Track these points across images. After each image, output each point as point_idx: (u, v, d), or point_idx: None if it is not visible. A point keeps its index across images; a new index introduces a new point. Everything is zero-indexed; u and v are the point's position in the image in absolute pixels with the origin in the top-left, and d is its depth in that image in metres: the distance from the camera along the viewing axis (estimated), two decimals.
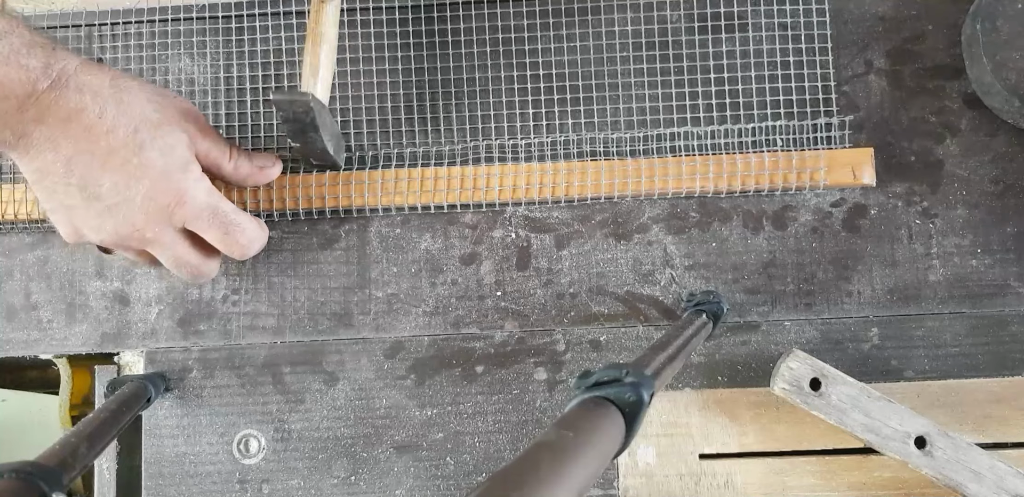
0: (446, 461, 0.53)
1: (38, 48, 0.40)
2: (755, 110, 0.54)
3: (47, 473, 0.37)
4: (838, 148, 0.53)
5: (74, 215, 0.45)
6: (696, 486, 0.52)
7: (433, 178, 0.54)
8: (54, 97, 0.41)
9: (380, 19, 0.56)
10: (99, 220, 0.44)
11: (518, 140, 0.55)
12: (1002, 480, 0.47)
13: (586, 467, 0.28)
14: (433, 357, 0.54)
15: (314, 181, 0.54)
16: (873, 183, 0.53)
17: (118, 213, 0.44)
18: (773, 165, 0.53)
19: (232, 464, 0.54)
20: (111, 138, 0.42)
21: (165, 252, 0.47)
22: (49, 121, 0.41)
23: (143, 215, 0.44)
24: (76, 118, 0.41)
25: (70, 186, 0.43)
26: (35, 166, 0.43)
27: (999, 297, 0.53)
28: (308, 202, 0.54)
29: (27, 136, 0.41)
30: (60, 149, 0.42)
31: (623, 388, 0.33)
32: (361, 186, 0.53)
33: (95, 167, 0.42)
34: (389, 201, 0.54)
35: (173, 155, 0.44)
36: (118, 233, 0.45)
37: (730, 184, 0.53)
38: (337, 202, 0.54)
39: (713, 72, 0.55)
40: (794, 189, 0.53)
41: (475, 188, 0.53)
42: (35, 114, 0.41)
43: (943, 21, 0.55)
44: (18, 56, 0.39)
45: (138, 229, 0.44)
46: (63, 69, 0.41)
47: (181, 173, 0.44)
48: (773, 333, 0.54)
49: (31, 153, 0.42)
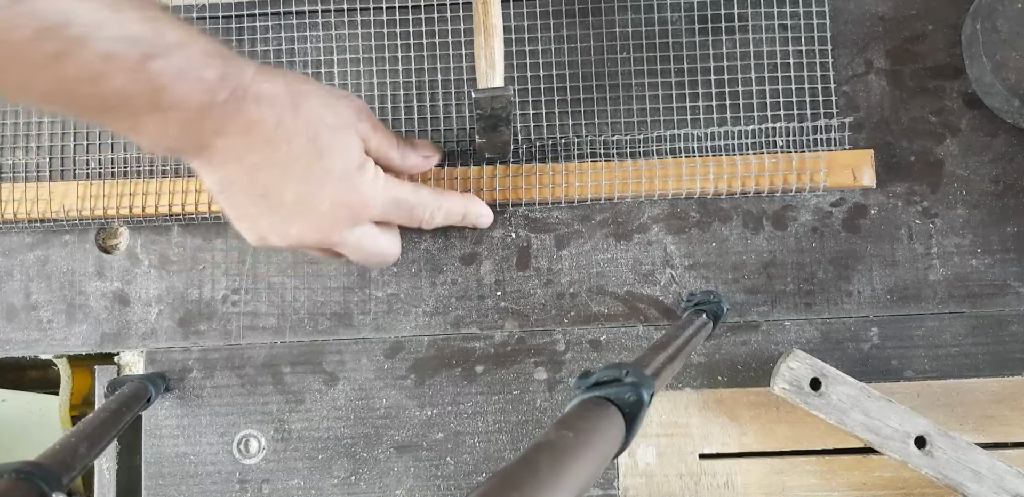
0: (446, 461, 0.53)
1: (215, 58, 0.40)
2: (755, 110, 0.54)
3: (47, 473, 0.37)
4: (838, 150, 0.53)
5: (259, 223, 0.45)
6: (696, 486, 0.52)
7: (433, 179, 0.54)
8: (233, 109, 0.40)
9: (380, 19, 0.56)
10: (285, 227, 0.44)
11: (518, 141, 0.55)
12: (1002, 480, 0.47)
13: (586, 467, 0.28)
14: (433, 357, 0.54)
15: None
16: (873, 185, 0.53)
17: (305, 220, 0.44)
18: (773, 166, 0.53)
19: (232, 464, 0.54)
20: (291, 147, 0.42)
21: (351, 250, 0.47)
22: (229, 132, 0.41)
23: (329, 221, 0.44)
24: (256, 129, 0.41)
25: (254, 196, 0.43)
26: (218, 177, 0.43)
27: (999, 297, 0.53)
28: None
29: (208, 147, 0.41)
30: (242, 160, 0.42)
31: (623, 388, 0.33)
32: None
33: (278, 177, 0.42)
34: None
35: (351, 158, 0.44)
36: (304, 238, 0.45)
37: (730, 185, 0.53)
38: None
39: (713, 72, 0.54)
40: (794, 190, 0.53)
41: (475, 189, 0.53)
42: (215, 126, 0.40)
43: (943, 21, 0.55)
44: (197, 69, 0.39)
45: (325, 234, 0.45)
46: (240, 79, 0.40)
47: (360, 175, 0.44)
48: (773, 333, 0.54)
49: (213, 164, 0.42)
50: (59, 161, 0.56)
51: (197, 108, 0.39)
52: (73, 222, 0.54)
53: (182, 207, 0.54)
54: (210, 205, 0.54)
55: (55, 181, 0.55)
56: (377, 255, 0.49)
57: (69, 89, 0.37)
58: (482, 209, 0.52)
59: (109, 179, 0.55)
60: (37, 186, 0.54)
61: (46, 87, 0.36)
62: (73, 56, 0.35)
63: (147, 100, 0.38)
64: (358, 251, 0.48)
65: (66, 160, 0.56)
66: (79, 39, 0.35)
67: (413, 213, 0.48)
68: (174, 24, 0.38)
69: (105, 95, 0.37)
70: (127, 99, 0.38)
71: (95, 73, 0.36)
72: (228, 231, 0.56)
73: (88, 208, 0.54)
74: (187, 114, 0.39)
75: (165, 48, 0.37)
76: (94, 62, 0.36)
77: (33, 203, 0.54)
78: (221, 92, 0.40)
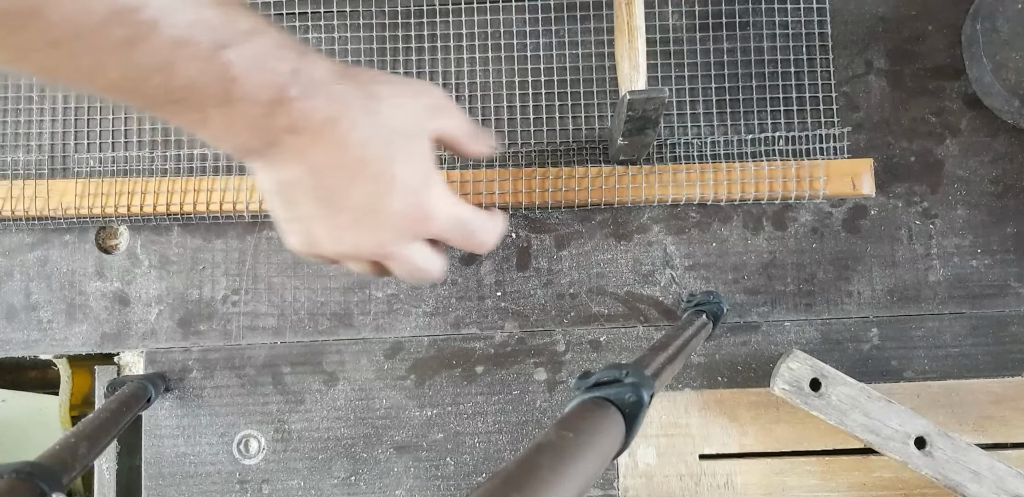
0: (446, 461, 0.53)
1: (288, 50, 0.37)
2: (755, 109, 0.54)
3: (47, 473, 0.37)
4: (838, 158, 0.53)
5: (315, 227, 0.42)
6: (696, 486, 0.52)
7: None
8: (305, 106, 0.38)
9: (383, 23, 0.56)
10: (340, 233, 0.42)
11: (519, 145, 0.55)
12: (1002, 480, 0.47)
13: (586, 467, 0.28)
14: (433, 357, 0.54)
15: None
16: (872, 193, 0.53)
17: (365, 228, 0.42)
18: (773, 174, 0.52)
19: (232, 464, 0.54)
20: (363, 150, 0.40)
21: (401, 264, 0.45)
22: (300, 131, 0.39)
23: (389, 231, 0.42)
24: (328, 129, 0.39)
25: (317, 198, 0.41)
26: (279, 177, 0.41)
27: (999, 297, 0.53)
28: None
29: (276, 145, 0.39)
30: (309, 160, 0.40)
31: (623, 389, 0.32)
32: None
33: (345, 180, 0.40)
34: None
35: (420, 167, 0.42)
36: (359, 247, 0.43)
37: (730, 192, 0.53)
38: None
39: (714, 71, 0.54)
40: (793, 198, 0.53)
41: (474, 192, 0.53)
42: (286, 123, 0.38)
43: (943, 21, 0.55)
44: (270, 60, 0.36)
45: (381, 244, 0.43)
46: (313, 75, 0.38)
47: (426, 188, 0.42)
48: (773, 333, 0.54)
49: (277, 163, 0.40)
50: (59, 159, 0.56)
51: (267, 102, 0.37)
52: (72, 220, 0.54)
53: (180, 207, 0.54)
54: (209, 205, 0.54)
55: (54, 179, 0.55)
56: (424, 273, 0.46)
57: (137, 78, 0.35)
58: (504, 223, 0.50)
59: (108, 177, 0.55)
60: (36, 183, 0.54)
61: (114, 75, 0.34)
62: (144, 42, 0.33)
63: (217, 91, 0.36)
64: (407, 266, 0.45)
65: (66, 158, 0.56)
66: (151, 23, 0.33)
67: (474, 236, 0.45)
68: (246, 12, 0.37)
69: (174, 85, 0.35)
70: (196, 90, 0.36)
71: (165, 61, 0.34)
72: (228, 231, 0.56)
73: (87, 206, 0.54)
74: (257, 109, 0.37)
75: (238, 36, 0.35)
76: (165, 49, 0.34)
77: (32, 200, 0.54)
78: (293, 87, 0.38)
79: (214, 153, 0.55)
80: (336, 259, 0.45)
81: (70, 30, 0.32)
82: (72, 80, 0.35)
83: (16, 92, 0.56)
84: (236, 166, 0.55)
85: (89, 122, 0.56)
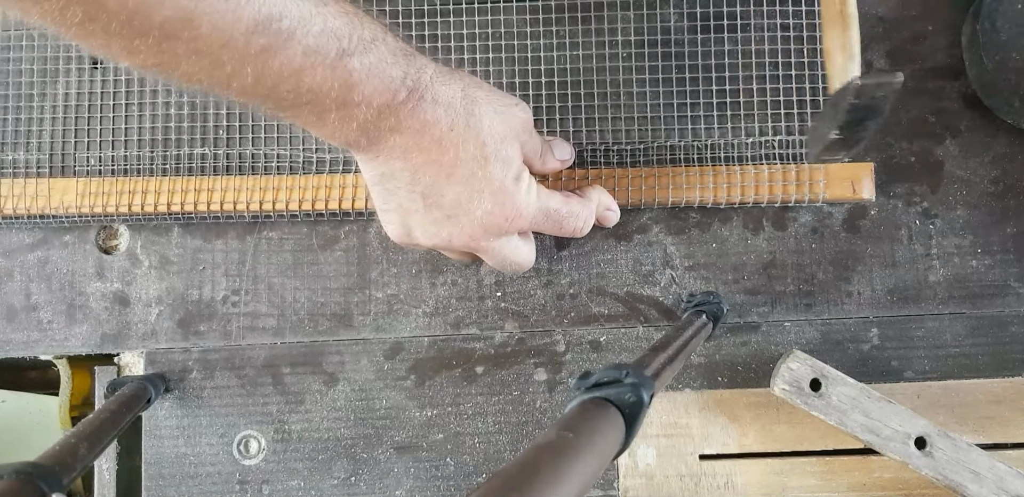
0: (446, 462, 0.53)
1: (401, 56, 0.40)
2: (755, 110, 0.54)
3: (47, 474, 0.37)
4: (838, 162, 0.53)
5: (410, 219, 0.45)
6: (696, 487, 0.52)
7: None
8: (411, 108, 0.41)
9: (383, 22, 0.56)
10: (436, 227, 0.45)
11: None
12: (1002, 481, 0.47)
13: (586, 468, 0.28)
14: (433, 358, 0.54)
15: (311, 183, 0.54)
16: (872, 198, 0.53)
17: (456, 223, 0.44)
18: (773, 177, 0.52)
19: (232, 465, 0.54)
20: (460, 151, 0.42)
21: (493, 256, 0.47)
22: (404, 131, 0.41)
23: (480, 227, 0.45)
24: (429, 130, 0.41)
25: (413, 193, 0.44)
26: (381, 171, 0.43)
27: (999, 297, 0.53)
28: (310, 204, 0.54)
29: (380, 143, 0.42)
30: (409, 158, 0.42)
31: (623, 389, 0.32)
32: (360, 189, 0.53)
33: (441, 178, 0.43)
34: None
35: (511, 168, 0.44)
36: (452, 241, 0.45)
37: (729, 195, 0.52)
38: (338, 204, 0.54)
39: (715, 72, 0.54)
40: (793, 202, 0.53)
41: None
42: (392, 123, 0.41)
43: (943, 21, 0.55)
44: (384, 66, 0.39)
45: (473, 239, 0.45)
46: (420, 79, 0.41)
47: (515, 186, 0.45)
48: (773, 334, 0.54)
49: (380, 159, 0.43)
50: (59, 157, 0.56)
51: (379, 106, 0.40)
52: (73, 220, 0.54)
53: (181, 206, 0.54)
54: (209, 205, 0.54)
55: (55, 177, 0.55)
56: (515, 264, 0.49)
57: (270, 84, 0.36)
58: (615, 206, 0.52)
59: (109, 176, 0.55)
60: (36, 182, 0.54)
61: (249, 81, 0.36)
62: (280, 50, 0.35)
63: (337, 96, 0.38)
64: (499, 258, 0.48)
65: (66, 156, 0.56)
66: (288, 33, 0.35)
67: (564, 224, 0.48)
68: (367, 19, 0.39)
69: (301, 90, 0.37)
70: (320, 95, 0.38)
71: (297, 68, 0.36)
72: (228, 231, 0.56)
73: (88, 205, 0.54)
74: (370, 111, 0.40)
75: (361, 44, 0.38)
76: (297, 57, 0.36)
77: (32, 199, 0.54)
78: (402, 91, 0.40)
79: (214, 153, 0.55)
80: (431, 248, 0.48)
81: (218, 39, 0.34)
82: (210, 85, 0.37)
83: (16, 90, 0.56)
84: (236, 166, 0.55)
85: (89, 120, 0.56)
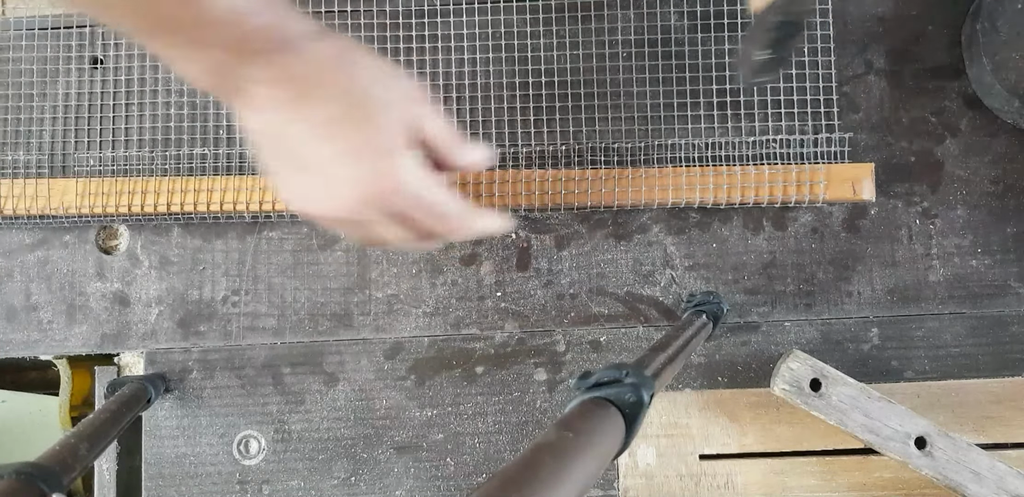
0: (446, 462, 0.53)
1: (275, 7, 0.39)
2: (756, 109, 0.54)
3: (47, 474, 0.37)
4: (839, 162, 0.53)
5: (287, 181, 0.43)
6: (696, 486, 0.52)
7: None
8: (281, 61, 0.40)
9: (383, 23, 0.56)
10: (309, 191, 0.43)
11: (519, 147, 0.55)
12: (1002, 480, 0.47)
13: (586, 468, 0.28)
14: (433, 358, 0.54)
15: None
16: (873, 198, 0.52)
17: (330, 188, 0.42)
18: (773, 177, 0.52)
19: (232, 465, 0.54)
20: (331, 109, 0.41)
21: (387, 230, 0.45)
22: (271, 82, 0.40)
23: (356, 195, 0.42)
24: (299, 85, 0.41)
25: (284, 149, 0.42)
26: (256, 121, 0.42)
27: (999, 297, 0.53)
28: None
29: (244, 92, 0.41)
30: (279, 111, 0.41)
31: (623, 389, 0.32)
32: None
33: (310, 136, 0.41)
34: None
35: (391, 137, 0.42)
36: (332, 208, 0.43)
37: (729, 195, 0.52)
38: None
39: (715, 71, 0.54)
40: (793, 202, 0.53)
41: (475, 194, 0.53)
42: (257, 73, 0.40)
43: (943, 21, 0.55)
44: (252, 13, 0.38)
45: (348, 209, 0.43)
46: (296, 32, 0.40)
47: (393, 159, 0.42)
48: (773, 334, 0.54)
49: (251, 109, 0.42)
50: (59, 157, 0.56)
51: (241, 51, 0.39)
52: (73, 220, 0.54)
53: (181, 206, 0.54)
54: (209, 205, 0.54)
55: (55, 178, 0.55)
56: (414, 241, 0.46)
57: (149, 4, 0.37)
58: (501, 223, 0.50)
59: (109, 177, 0.55)
60: (36, 183, 0.54)
61: None
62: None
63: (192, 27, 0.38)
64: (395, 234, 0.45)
65: (67, 157, 0.56)
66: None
67: (441, 219, 0.45)
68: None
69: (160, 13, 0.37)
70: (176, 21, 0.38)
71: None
72: (228, 231, 0.56)
73: (88, 206, 0.54)
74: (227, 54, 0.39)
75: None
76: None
77: (33, 200, 0.54)
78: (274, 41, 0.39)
79: (214, 153, 0.55)
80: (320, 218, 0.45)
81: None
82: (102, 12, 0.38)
83: (16, 90, 0.56)
84: (236, 166, 0.55)
85: (89, 120, 0.56)
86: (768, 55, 0.47)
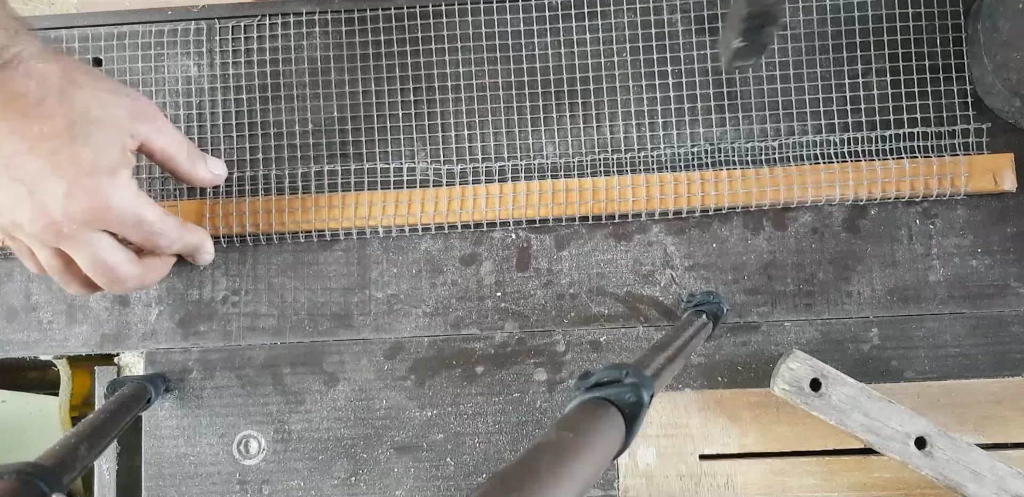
0: (446, 462, 0.53)
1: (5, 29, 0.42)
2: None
3: (47, 474, 0.37)
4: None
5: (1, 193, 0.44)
6: (696, 487, 0.52)
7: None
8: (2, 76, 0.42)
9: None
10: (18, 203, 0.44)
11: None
12: (1002, 481, 0.47)
13: (586, 468, 0.28)
14: (433, 358, 0.54)
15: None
16: (1014, 189, 0.52)
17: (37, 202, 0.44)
18: (914, 171, 0.52)
19: (232, 465, 0.54)
20: (45, 126, 0.43)
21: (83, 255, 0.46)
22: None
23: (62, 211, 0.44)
24: (15, 101, 0.43)
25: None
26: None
27: (999, 297, 0.53)
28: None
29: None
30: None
31: (623, 389, 0.32)
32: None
33: (23, 150, 0.43)
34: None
35: (106, 156, 0.44)
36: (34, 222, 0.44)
37: (870, 191, 0.52)
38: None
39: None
40: (935, 196, 0.52)
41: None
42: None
43: (943, 21, 0.55)
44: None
45: (55, 222, 0.44)
46: (18, 52, 0.43)
47: (109, 177, 0.44)
48: (773, 334, 0.54)
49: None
50: None
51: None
52: None
53: None
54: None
55: None
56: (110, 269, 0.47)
57: None
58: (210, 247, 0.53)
59: None
60: None
61: None
62: None
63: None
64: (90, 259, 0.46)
65: None
66: None
67: (150, 238, 0.48)
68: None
69: None
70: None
71: None
72: None
73: None
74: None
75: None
76: None
77: None
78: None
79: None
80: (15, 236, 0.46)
81: None
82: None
83: None
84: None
85: None
86: (742, 43, 0.48)
